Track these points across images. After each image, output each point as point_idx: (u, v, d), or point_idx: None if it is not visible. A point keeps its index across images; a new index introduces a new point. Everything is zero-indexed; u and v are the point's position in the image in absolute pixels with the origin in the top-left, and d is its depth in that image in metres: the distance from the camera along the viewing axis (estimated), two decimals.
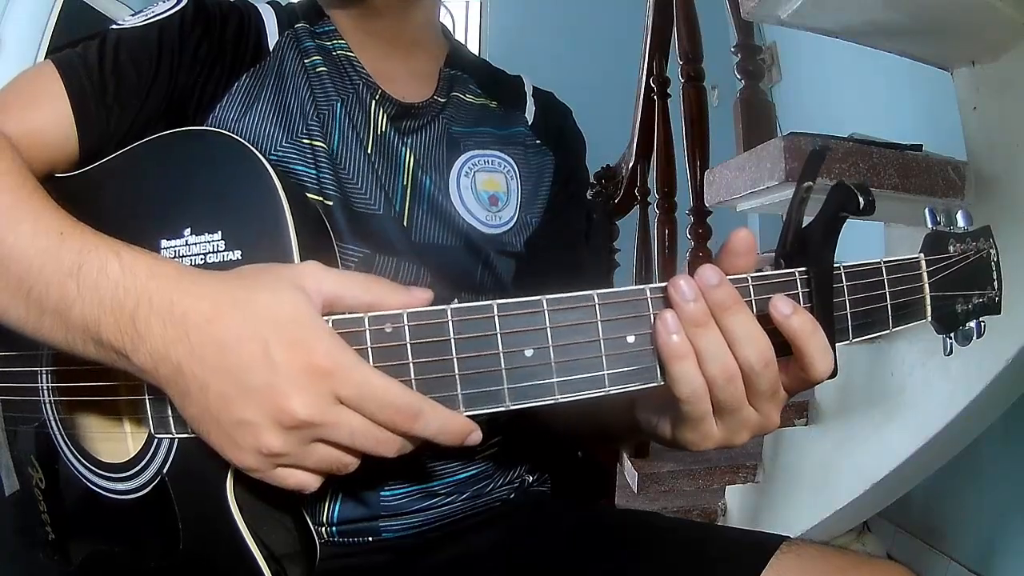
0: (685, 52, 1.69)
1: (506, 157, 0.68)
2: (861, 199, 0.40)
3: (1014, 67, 1.00)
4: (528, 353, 0.40)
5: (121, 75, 0.54)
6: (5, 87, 0.54)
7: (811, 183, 0.43)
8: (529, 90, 0.75)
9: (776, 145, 0.98)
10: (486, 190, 0.65)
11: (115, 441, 0.50)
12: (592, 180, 2.10)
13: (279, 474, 0.40)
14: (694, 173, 1.62)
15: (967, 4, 0.93)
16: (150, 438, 0.47)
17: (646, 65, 1.93)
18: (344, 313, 0.41)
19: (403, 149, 0.62)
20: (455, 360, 0.40)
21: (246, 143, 0.46)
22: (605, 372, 0.40)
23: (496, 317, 0.40)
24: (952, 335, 0.49)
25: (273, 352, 0.38)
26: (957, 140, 1.10)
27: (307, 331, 0.38)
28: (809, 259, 0.43)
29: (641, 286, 0.41)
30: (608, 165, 2.13)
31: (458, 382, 0.40)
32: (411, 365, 0.40)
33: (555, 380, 0.40)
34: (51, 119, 0.52)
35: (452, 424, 0.40)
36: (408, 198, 0.62)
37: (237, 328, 0.38)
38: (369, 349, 0.40)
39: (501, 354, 0.40)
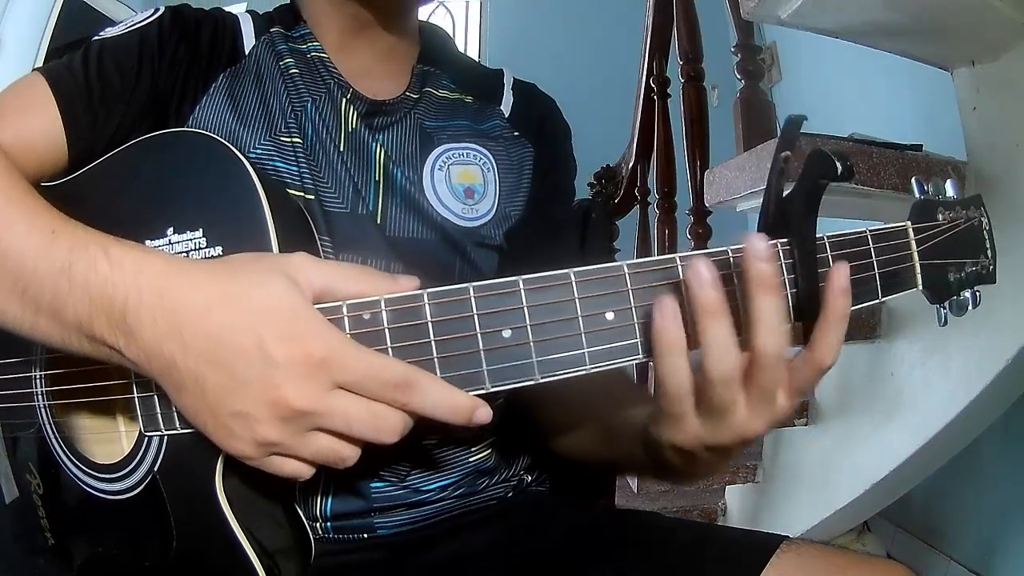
0: (685, 52, 1.69)
1: (482, 150, 0.68)
2: (839, 165, 0.39)
3: (1014, 67, 1.00)
4: (506, 334, 0.40)
5: (105, 80, 0.57)
6: None
7: (788, 153, 0.41)
8: (508, 82, 0.75)
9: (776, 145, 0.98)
10: (461, 183, 0.65)
11: (109, 442, 0.51)
12: (592, 180, 2.10)
13: (274, 462, 0.41)
14: (694, 173, 1.62)
15: (967, 4, 0.93)
16: (141, 436, 0.47)
17: (646, 65, 1.93)
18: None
19: (374, 145, 0.63)
20: (433, 343, 0.40)
21: (225, 141, 0.47)
22: (585, 350, 0.40)
23: (472, 299, 0.40)
24: (946, 305, 0.48)
25: (267, 345, 0.38)
26: (957, 140, 1.10)
27: (300, 323, 0.38)
28: (791, 230, 0.41)
29: (619, 263, 0.40)
30: (608, 165, 2.13)
31: (437, 366, 0.40)
32: (390, 350, 0.40)
33: (535, 360, 0.40)
34: (41, 126, 0.54)
35: (453, 398, 0.39)
36: (381, 193, 0.62)
37: (230, 321, 0.38)
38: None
39: (479, 336, 0.40)
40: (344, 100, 0.63)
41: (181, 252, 0.46)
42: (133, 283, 0.40)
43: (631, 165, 2.02)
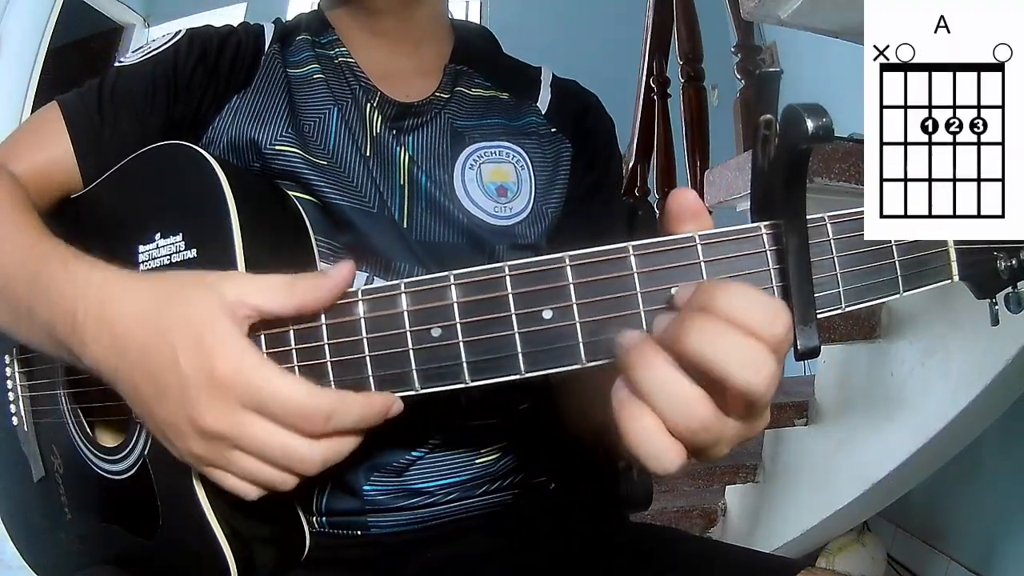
0: (685, 52, 1.69)
1: (515, 147, 0.67)
2: (809, 123, 0.31)
3: None
4: (547, 315, 0.35)
5: (118, 111, 0.59)
6: (18, 129, 0.61)
7: (769, 116, 0.34)
8: (547, 79, 0.74)
9: None
10: (493, 181, 0.65)
11: (117, 424, 0.54)
12: None
13: (214, 474, 0.40)
14: (694, 173, 1.62)
15: None
16: (134, 420, 0.50)
17: (646, 65, 1.93)
18: (275, 324, 0.40)
19: (398, 149, 0.62)
20: (459, 326, 0.37)
21: (204, 152, 0.49)
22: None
23: (453, 287, 0.37)
24: (998, 300, 0.39)
25: (180, 357, 0.38)
26: None
27: (212, 336, 0.37)
28: (777, 208, 0.34)
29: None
30: None
31: (463, 350, 0.37)
32: (408, 335, 0.37)
33: (580, 342, 0.35)
34: (55, 158, 0.58)
35: (372, 407, 0.38)
36: (407, 198, 0.62)
37: (153, 330, 0.39)
38: (363, 320, 0.39)
39: (513, 317, 0.36)
40: (369, 105, 0.63)
41: (165, 255, 0.49)
42: (82, 295, 0.42)
43: (631, 165, 2.02)
